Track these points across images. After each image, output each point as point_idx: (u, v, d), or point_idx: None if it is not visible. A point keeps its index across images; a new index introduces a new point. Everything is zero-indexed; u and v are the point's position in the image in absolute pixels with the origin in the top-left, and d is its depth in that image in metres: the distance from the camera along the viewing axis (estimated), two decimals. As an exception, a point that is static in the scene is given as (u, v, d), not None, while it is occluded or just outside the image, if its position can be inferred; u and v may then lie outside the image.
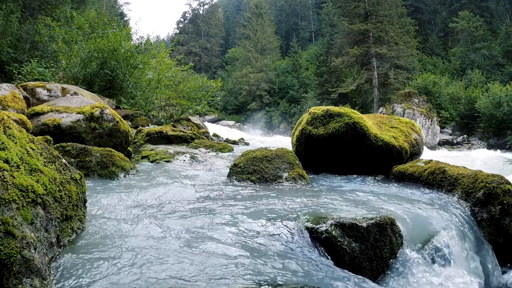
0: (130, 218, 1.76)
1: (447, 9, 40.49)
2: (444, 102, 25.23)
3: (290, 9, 57.31)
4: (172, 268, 1.21)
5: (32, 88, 5.18)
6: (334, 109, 3.44)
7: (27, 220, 1.10)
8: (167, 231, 1.60)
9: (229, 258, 1.34)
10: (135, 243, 1.43)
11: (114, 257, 1.28)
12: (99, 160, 2.93)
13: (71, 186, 1.50)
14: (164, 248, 1.39)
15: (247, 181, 2.80)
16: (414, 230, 1.83)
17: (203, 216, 1.84)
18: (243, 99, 40.08)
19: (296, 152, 3.63)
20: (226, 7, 71.09)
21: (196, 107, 9.57)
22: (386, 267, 1.61)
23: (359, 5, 27.31)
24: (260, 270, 1.26)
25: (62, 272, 1.17)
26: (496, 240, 2.08)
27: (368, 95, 28.20)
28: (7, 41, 11.78)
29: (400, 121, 4.05)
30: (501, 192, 2.16)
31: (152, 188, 2.46)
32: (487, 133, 21.68)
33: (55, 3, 14.16)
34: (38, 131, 3.45)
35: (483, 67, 29.79)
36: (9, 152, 1.20)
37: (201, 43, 52.90)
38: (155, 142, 5.39)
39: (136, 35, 25.92)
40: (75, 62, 9.05)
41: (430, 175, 2.75)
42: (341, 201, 2.18)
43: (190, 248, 1.40)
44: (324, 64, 34.89)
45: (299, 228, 1.65)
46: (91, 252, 1.32)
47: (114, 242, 1.42)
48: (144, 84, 9.80)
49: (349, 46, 27.80)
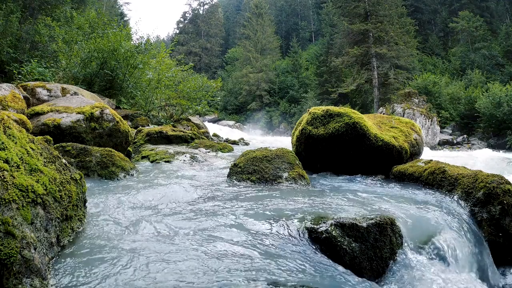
0: (130, 218, 1.76)
1: (447, 9, 40.50)
2: (444, 102, 25.24)
3: (290, 9, 57.33)
4: (172, 268, 1.21)
5: (32, 88, 5.18)
6: (334, 109, 3.44)
7: (27, 220, 1.10)
8: (167, 231, 1.60)
9: (228, 258, 1.34)
10: (136, 243, 1.43)
11: (114, 257, 1.28)
12: (99, 160, 2.93)
13: (71, 186, 1.50)
14: (164, 248, 1.39)
15: (247, 181, 2.80)
16: (414, 230, 1.83)
17: (202, 216, 1.84)
18: (243, 99, 40.09)
19: (296, 152, 3.63)
20: (226, 7, 71.09)
21: (196, 107, 9.57)
22: (386, 267, 1.61)
23: (359, 5, 27.31)
24: (259, 270, 1.26)
25: (62, 272, 1.17)
26: (496, 240, 2.08)
27: (368, 95, 28.20)
28: (7, 41, 11.78)
29: (400, 121, 4.05)
30: (501, 192, 2.16)
31: (152, 188, 2.46)
32: (487, 133, 21.68)
33: (55, 3, 14.17)
34: (38, 131, 3.45)
35: (483, 67, 29.79)
36: (9, 152, 1.20)
37: (201, 43, 52.91)
38: (155, 142, 5.39)
39: (136, 35, 25.98)
40: (75, 62, 9.05)
41: (430, 175, 2.75)
42: (341, 201, 2.18)
43: (190, 248, 1.40)
44: (324, 64, 34.89)
45: (299, 228, 1.65)
46: (91, 252, 1.32)
47: (114, 242, 1.42)
48: (144, 84, 9.80)
49: (349, 46, 27.81)
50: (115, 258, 1.27)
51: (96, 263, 1.23)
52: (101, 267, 1.20)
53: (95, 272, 1.17)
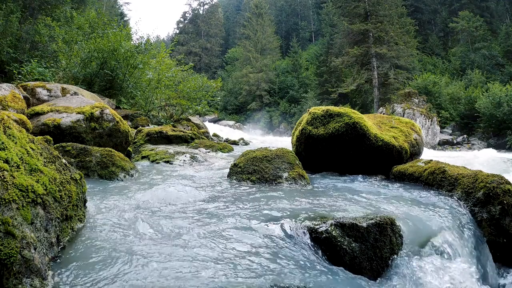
0: (130, 219, 1.76)
1: (447, 9, 40.50)
2: (444, 102, 25.25)
3: (290, 9, 57.33)
4: (172, 268, 1.21)
5: (32, 88, 5.18)
6: (334, 109, 3.44)
7: (27, 220, 1.10)
8: (167, 231, 1.60)
9: (228, 258, 1.34)
10: (136, 243, 1.43)
11: (114, 257, 1.28)
12: (99, 160, 2.93)
13: (71, 186, 1.50)
14: (165, 248, 1.39)
15: (247, 181, 2.80)
16: (414, 230, 1.83)
17: (202, 217, 1.84)
18: (243, 99, 40.09)
19: (296, 152, 3.63)
20: (226, 7, 71.10)
21: (196, 107, 9.57)
22: (386, 267, 1.61)
23: (359, 5, 27.31)
24: (259, 270, 1.26)
25: (62, 272, 1.17)
26: (496, 240, 2.08)
27: (368, 95, 28.20)
28: (7, 41, 11.78)
29: (400, 121, 4.05)
30: (501, 192, 2.16)
31: (152, 188, 2.46)
32: (487, 133, 21.69)
33: (55, 3, 14.16)
34: (38, 131, 3.45)
35: (483, 67, 29.80)
36: (9, 152, 1.20)
37: (201, 43, 52.91)
38: (155, 142, 5.39)
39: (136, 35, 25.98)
40: (75, 62, 9.05)
41: (430, 175, 2.75)
42: (341, 201, 2.18)
43: (190, 248, 1.40)
44: (324, 64, 34.90)
45: (299, 228, 1.65)
46: (91, 252, 1.32)
47: (115, 243, 1.42)
48: (144, 84, 9.81)
49: (349, 46, 27.81)
50: (115, 258, 1.27)
51: (96, 263, 1.23)
52: (101, 267, 1.20)
53: (95, 272, 1.17)
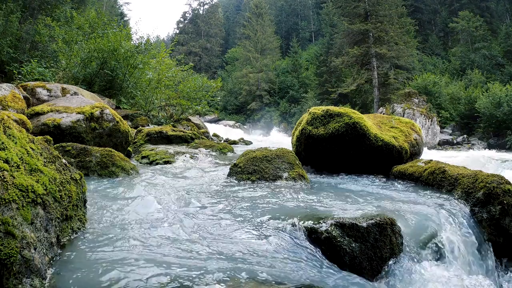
0: (130, 219, 1.76)
1: (447, 9, 40.51)
2: (444, 102, 25.24)
3: (290, 9, 57.30)
4: (172, 268, 1.21)
5: (32, 88, 5.18)
6: (334, 109, 3.44)
7: (27, 220, 1.10)
8: (167, 231, 1.60)
9: (229, 258, 1.34)
10: (136, 243, 1.43)
11: (114, 257, 1.28)
12: (99, 160, 2.93)
13: (71, 186, 1.50)
14: (165, 248, 1.39)
15: (247, 181, 2.80)
16: (414, 230, 1.83)
17: (202, 217, 1.84)
18: (243, 99, 40.07)
19: (296, 152, 3.63)
20: (226, 7, 71.09)
21: (196, 107, 9.58)
22: (386, 267, 1.60)
23: (359, 5, 27.29)
24: (259, 270, 1.26)
25: (62, 272, 1.17)
26: (496, 240, 2.08)
27: (368, 95, 28.18)
28: (7, 41, 11.76)
29: (400, 121, 4.05)
30: (501, 192, 2.16)
31: (152, 189, 2.46)
32: (487, 133, 21.69)
33: (55, 3, 14.15)
34: (38, 131, 3.45)
35: (483, 67, 29.80)
36: (9, 152, 1.20)
37: (201, 43, 52.88)
38: (155, 142, 5.39)
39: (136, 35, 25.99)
40: (75, 62, 9.05)
41: (430, 175, 2.75)
42: (341, 201, 2.18)
43: (190, 248, 1.40)
44: (324, 64, 34.87)
45: (299, 228, 1.65)
46: (92, 252, 1.32)
47: (115, 243, 1.42)
48: (144, 84, 9.81)
49: (349, 46, 27.78)
50: (115, 258, 1.27)
51: (96, 263, 1.23)
52: (101, 267, 1.20)
53: (95, 272, 1.17)
